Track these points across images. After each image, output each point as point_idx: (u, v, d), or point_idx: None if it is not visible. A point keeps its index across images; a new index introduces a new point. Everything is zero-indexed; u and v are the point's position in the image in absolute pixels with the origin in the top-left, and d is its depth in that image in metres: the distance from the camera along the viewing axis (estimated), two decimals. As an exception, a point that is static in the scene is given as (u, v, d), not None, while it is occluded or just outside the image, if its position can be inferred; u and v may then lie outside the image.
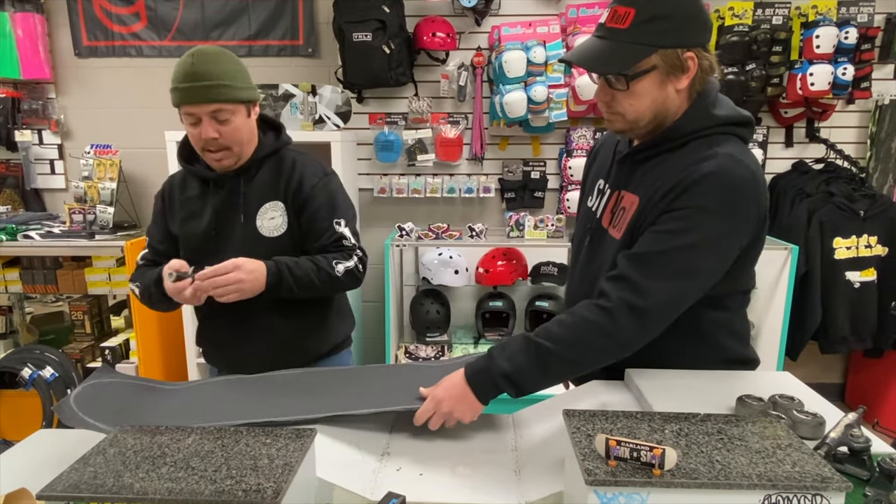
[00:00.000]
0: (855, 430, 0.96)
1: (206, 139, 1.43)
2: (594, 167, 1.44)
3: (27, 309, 3.34)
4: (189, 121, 1.43)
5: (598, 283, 1.18)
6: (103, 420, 1.12)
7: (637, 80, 1.13)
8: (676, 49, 1.11)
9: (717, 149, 1.14)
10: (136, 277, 1.60)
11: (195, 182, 1.58)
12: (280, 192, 1.54)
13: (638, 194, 1.20)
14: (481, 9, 3.11)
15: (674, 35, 1.10)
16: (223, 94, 1.40)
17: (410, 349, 3.20)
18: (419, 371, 1.42)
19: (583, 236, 1.38)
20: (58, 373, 2.87)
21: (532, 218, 3.12)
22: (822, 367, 3.46)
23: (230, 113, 1.42)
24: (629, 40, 1.10)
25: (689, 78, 1.14)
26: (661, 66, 1.12)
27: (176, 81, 1.41)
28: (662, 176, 1.17)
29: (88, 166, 3.12)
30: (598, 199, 1.34)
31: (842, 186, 3.00)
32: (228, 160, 1.49)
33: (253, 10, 3.29)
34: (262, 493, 0.77)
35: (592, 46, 1.16)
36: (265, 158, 1.55)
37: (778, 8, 3.02)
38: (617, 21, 1.11)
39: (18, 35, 3.22)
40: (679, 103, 1.18)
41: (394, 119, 3.32)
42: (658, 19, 1.09)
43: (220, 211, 1.54)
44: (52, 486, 0.80)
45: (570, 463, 0.92)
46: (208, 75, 1.38)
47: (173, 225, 1.60)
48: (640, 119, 1.18)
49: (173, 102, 1.44)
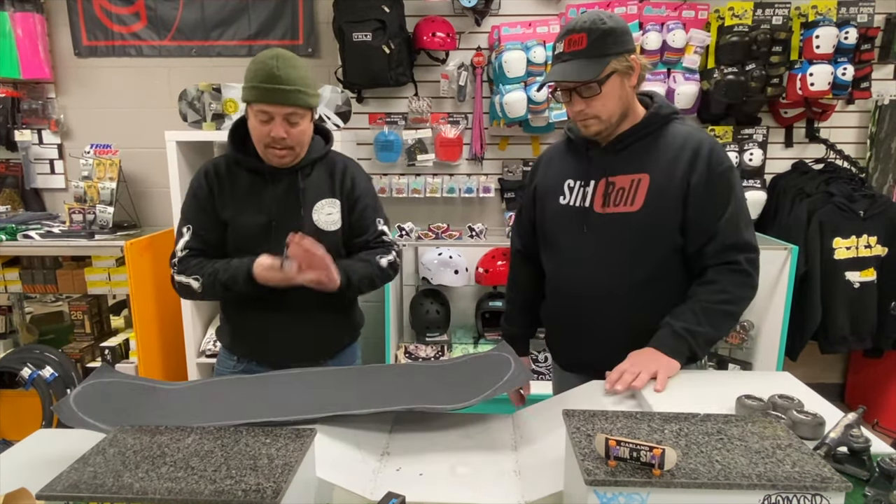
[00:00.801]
0: (854, 431, 0.97)
1: (275, 137, 1.51)
2: (550, 174, 1.62)
3: (27, 309, 3.34)
4: (260, 118, 1.50)
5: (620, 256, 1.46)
6: (103, 420, 1.12)
7: (605, 83, 1.40)
8: (624, 54, 1.40)
9: (686, 126, 1.49)
10: (193, 270, 1.57)
11: (244, 173, 1.62)
12: (336, 190, 1.67)
13: (644, 172, 1.44)
14: (481, 9, 3.10)
15: (620, 44, 1.39)
16: (300, 100, 1.50)
17: (410, 349, 3.20)
18: (419, 371, 1.43)
19: (569, 227, 1.54)
20: (57, 373, 2.87)
21: (532, 218, 3.11)
22: (821, 367, 3.46)
23: (300, 117, 1.52)
24: (591, 55, 1.38)
25: (636, 76, 1.44)
26: (619, 69, 1.40)
27: (256, 81, 1.47)
28: (663, 153, 1.44)
29: (88, 166, 3.12)
30: (574, 194, 1.54)
31: (842, 186, 3.00)
32: (289, 158, 1.57)
33: (253, 9, 3.29)
34: (262, 493, 0.77)
35: (567, 67, 1.41)
36: (318, 159, 1.67)
37: (778, 8, 3.02)
38: (575, 46, 1.39)
39: (18, 35, 3.22)
40: (633, 98, 1.48)
41: (394, 119, 3.32)
42: (606, 34, 1.38)
43: (279, 203, 1.60)
44: (52, 486, 0.80)
45: (570, 463, 0.92)
46: (290, 80, 1.47)
47: (225, 212, 1.60)
48: (612, 116, 1.44)
49: (247, 98, 1.50)
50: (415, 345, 3.24)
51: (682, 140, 1.44)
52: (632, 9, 3.04)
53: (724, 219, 1.41)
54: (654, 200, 1.43)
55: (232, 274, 1.54)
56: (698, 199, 1.41)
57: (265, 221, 1.59)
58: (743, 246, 1.42)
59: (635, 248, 1.46)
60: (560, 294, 1.60)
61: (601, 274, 1.48)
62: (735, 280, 1.41)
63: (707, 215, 1.42)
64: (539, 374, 3.07)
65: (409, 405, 1.20)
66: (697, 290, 1.43)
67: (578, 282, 1.52)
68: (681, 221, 1.43)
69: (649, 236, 1.45)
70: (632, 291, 1.46)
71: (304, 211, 1.61)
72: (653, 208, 1.43)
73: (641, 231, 1.44)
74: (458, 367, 1.43)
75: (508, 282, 1.85)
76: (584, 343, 1.54)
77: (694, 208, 1.42)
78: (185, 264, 1.59)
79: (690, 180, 1.41)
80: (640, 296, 1.46)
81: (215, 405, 1.23)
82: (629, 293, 1.46)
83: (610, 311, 1.48)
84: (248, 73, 1.50)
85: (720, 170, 1.42)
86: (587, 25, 1.38)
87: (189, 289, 1.58)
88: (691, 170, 1.41)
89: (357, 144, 3.33)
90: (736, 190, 1.44)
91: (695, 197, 1.41)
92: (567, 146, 1.62)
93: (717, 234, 1.42)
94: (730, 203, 1.42)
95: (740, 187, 1.46)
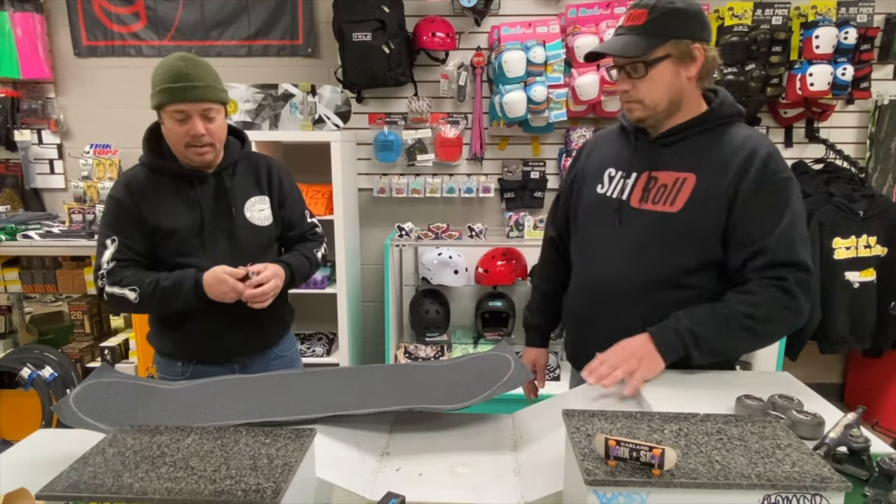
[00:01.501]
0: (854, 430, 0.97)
1: (194, 135, 1.53)
2: (592, 161, 1.54)
3: (27, 309, 3.34)
4: (176, 118, 1.52)
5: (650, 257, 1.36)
6: (103, 420, 1.12)
7: (653, 67, 1.30)
8: (685, 39, 1.29)
9: (747, 130, 1.37)
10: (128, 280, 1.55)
11: (166, 179, 1.62)
12: (263, 187, 1.72)
13: (691, 171, 1.34)
14: (481, 9, 3.10)
15: (683, 28, 1.29)
16: (214, 94, 1.55)
17: (410, 349, 3.20)
18: (419, 371, 1.43)
19: (604, 219, 1.45)
20: (57, 373, 2.87)
21: (532, 218, 3.11)
22: (821, 367, 3.47)
23: (216, 112, 1.56)
24: (645, 33, 1.30)
25: (697, 67, 1.32)
26: (674, 54, 1.30)
27: (167, 82, 1.50)
28: (715, 154, 1.33)
29: (88, 166, 3.12)
30: (614, 184, 1.45)
31: (841, 186, 3.00)
32: (211, 155, 1.60)
33: (253, 9, 3.29)
34: (262, 493, 0.77)
35: (615, 41, 1.34)
36: (238, 160, 1.71)
37: (777, 8, 3.02)
38: (633, 20, 1.32)
39: (18, 35, 3.22)
40: (691, 91, 1.35)
41: (393, 119, 3.32)
42: (669, 15, 1.28)
43: (208, 205, 1.62)
44: (52, 486, 0.80)
45: (570, 463, 0.92)
46: (199, 77, 1.52)
47: (153, 219, 1.58)
48: (657, 104, 1.34)
49: (161, 101, 1.52)
50: (415, 345, 3.24)
51: (739, 143, 1.32)
52: (631, 9, 3.04)
53: (776, 234, 1.27)
54: (696, 204, 1.31)
55: (176, 281, 1.53)
56: (746, 209, 1.29)
57: (197, 223, 1.60)
58: (795, 264, 1.28)
59: (668, 251, 1.35)
60: (581, 288, 1.53)
61: (627, 272, 1.39)
62: (774, 297, 1.27)
63: (755, 227, 1.28)
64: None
65: (408, 405, 1.20)
66: (729, 296, 1.30)
67: (602, 277, 1.44)
68: (722, 231, 1.31)
69: (685, 242, 1.33)
70: (655, 296, 1.36)
71: (236, 210, 1.65)
72: (694, 212, 1.32)
73: (678, 234, 1.33)
74: (457, 367, 1.43)
75: (537, 270, 1.77)
76: (599, 341, 1.37)
77: (740, 218, 1.29)
78: (117, 275, 1.55)
79: (739, 187, 1.29)
80: (663, 302, 1.34)
81: (215, 405, 1.23)
82: (652, 297, 1.36)
83: (629, 313, 1.37)
84: (156, 77, 1.52)
85: (775, 178, 1.29)
86: (651, 2, 1.28)
87: (123, 300, 1.55)
88: (742, 175, 1.29)
89: (357, 144, 3.33)
90: (793, 203, 1.29)
91: (742, 205, 1.29)
92: (617, 133, 1.51)
93: (765, 250, 1.27)
94: (784, 216, 1.28)
95: (799, 202, 1.31)
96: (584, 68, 3.01)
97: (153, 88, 1.53)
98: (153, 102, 1.54)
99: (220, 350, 1.67)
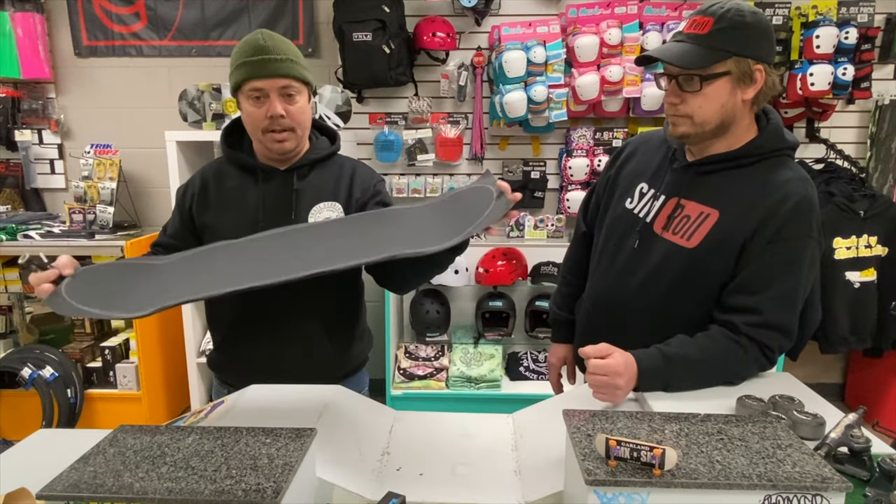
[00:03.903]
0: (855, 431, 0.96)
1: (273, 116, 1.37)
2: (629, 168, 1.46)
3: (27, 309, 3.34)
4: (253, 96, 1.38)
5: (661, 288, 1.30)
6: (97, 305, 1.08)
7: (710, 82, 1.20)
8: (749, 59, 1.19)
9: (790, 171, 1.25)
10: None
11: (234, 171, 1.50)
12: (340, 193, 1.50)
13: (716, 207, 1.25)
14: (481, 9, 3.10)
15: (748, 45, 1.19)
16: (294, 70, 1.38)
17: (410, 349, 3.20)
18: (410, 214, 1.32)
19: (625, 236, 1.40)
20: (57, 372, 2.87)
21: (532, 218, 3.11)
22: (822, 367, 3.46)
23: (297, 91, 1.40)
24: (707, 44, 1.18)
25: (755, 90, 1.22)
26: (733, 72, 1.19)
27: (245, 56, 1.36)
28: (745, 194, 1.24)
29: (88, 166, 3.12)
30: (643, 202, 1.38)
31: (842, 186, 3.00)
32: (291, 142, 1.43)
33: (253, 9, 3.29)
34: (262, 493, 0.77)
35: (672, 47, 1.23)
36: (319, 160, 1.51)
37: (778, 8, 3.01)
38: (696, 28, 1.20)
39: (18, 35, 3.22)
40: (743, 114, 1.25)
41: (394, 119, 3.32)
42: (737, 28, 1.17)
43: (268, 203, 1.46)
44: (52, 486, 0.80)
45: (570, 463, 0.92)
46: (280, 50, 1.36)
47: (204, 216, 1.48)
48: (706, 123, 1.23)
49: (238, 79, 1.38)
50: (415, 345, 3.24)
51: (775, 186, 1.22)
52: (632, 9, 3.04)
53: (777, 296, 1.20)
54: (712, 244, 1.24)
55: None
56: (751, 260, 1.21)
57: (250, 223, 1.42)
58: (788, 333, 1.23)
59: (677, 287, 1.29)
60: (592, 299, 1.50)
61: (637, 297, 1.34)
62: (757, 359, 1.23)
63: (758, 279, 1.21)
64: (539, 374, 3.07)
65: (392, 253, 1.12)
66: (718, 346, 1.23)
67: (613, 298, 1.40)
68: (727, 281, 1.25)
69: (695, 280, 1.27)
70: (662, 324, 1.30)
71: (297, 214, 1.45)
72: (708, 252, 1.24)
73: (688, 271, 1.27)
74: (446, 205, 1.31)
75: (565, 264, 1.68)
76: None
77: (746, 262, 1.22)
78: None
79: (757, 232, 1.21)
80: (669, 331, 1.28)
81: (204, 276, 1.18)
82: (658, 325, 1.30)
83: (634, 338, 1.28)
84: (234, 55, 1.39)
85: (793, 235, 1.20)
86: (719, 11, 1.18)
87: None
88: (765, 222, 1.20)
89: (357, 144, 3.33)
90: (804, 266, 1.21)
91: (748, 254, 1.21)
92: (660, 142, 1.42)
93: (761, 310, 1.21)
94: (789, 278, 1.20)
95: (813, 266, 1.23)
96: (584, 68, 3.01)
97: (231, 67, 1.39)
98: (231, 84, 1.40)
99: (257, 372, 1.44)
